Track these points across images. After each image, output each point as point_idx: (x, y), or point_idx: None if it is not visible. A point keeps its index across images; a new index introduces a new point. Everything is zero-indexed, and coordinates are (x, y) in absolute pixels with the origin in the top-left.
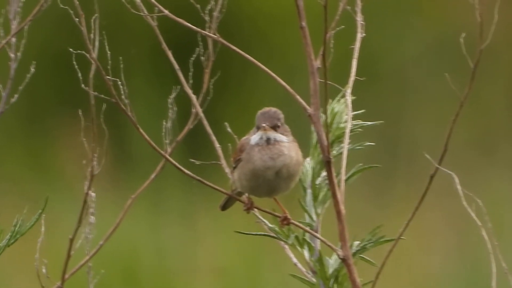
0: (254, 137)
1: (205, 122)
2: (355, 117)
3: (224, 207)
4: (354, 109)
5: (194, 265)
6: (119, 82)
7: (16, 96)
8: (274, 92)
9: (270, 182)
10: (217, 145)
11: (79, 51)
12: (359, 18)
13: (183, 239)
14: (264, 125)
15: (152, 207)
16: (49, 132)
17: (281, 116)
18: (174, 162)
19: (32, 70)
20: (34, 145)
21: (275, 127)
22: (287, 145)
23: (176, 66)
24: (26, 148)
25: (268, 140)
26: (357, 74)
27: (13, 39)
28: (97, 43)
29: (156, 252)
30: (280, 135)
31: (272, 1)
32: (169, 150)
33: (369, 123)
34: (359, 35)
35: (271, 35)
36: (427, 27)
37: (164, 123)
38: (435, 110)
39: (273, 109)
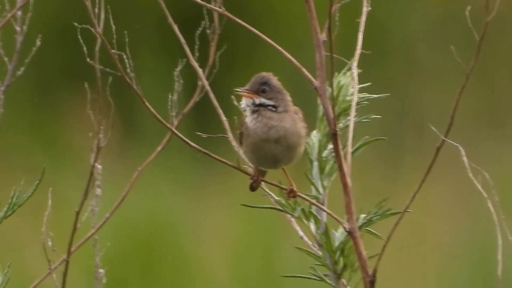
0: (242, 105)
1: (212, 95)
2: (361, 90)
3: (252, 186)
4: (360, 82)
5: (203, 237)
6: (125, 56)
7: (22, 69)
8: (282, 65)
9: (272, 153)
10: (223, 118)
11: (84, 26)
12: None
13: (192, 212)
14: (238, 90)
15: (161, 180)
16: (57, 105)
17: (271, 81)
18: (180, 134)
19: (38, 43)
20: (42, 118)
21: (258, 92)
22: (275, 115)
23: (183, 40)
24: (34, 121)
25: (253, 106)
26: (364, 48)
27: (19, 13)
28: (102, 17)
29: (165, 225)
30: (265, 99)
31: None
32: (175, 123)
33: (375, 95)
34: (365, 9)
35: (279, 8)
36: (435, 1)
37: (169, 96)
38: (442, 83)
39: (263, 73)
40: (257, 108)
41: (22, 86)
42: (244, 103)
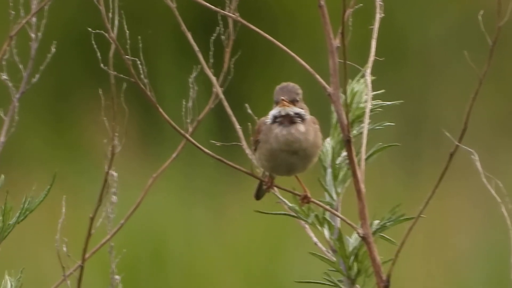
0: (273, 112)
1: (225, 104)
2: (375, 97)
3: (258, 195)
4: (375, 89)
5: (220, 244)
6: (138, 62)
7: (37, 76)
8: (300, 71)
9: (288, 162)
10: (237, 126)
11: (98, 31)
12: None
13: (210, 218)
14: (282, 98)
15: (180, 186)
16: (76, 110)
17: (300, 91)
18: (193, 141)
19: (53, 50)
20: (61, 123)
21: (293, 102)
22: (302, 128)
23: (196, 48)
24: (53, 126)
25: (286, 116)
26: (382, 54)
27: (34, 19)
28: (116, 22)
29: (183, 231)
30: (299, 109)
31: None
32: (190, 129)
33: (389, 103)
34: (378, 16)
35: (298, 13)
36: (453, 6)
37: (183, 102)
38: (461, 89)
39: (291, 84)
40: (283, 119)
41: (41, 91)
42: (277, 111)
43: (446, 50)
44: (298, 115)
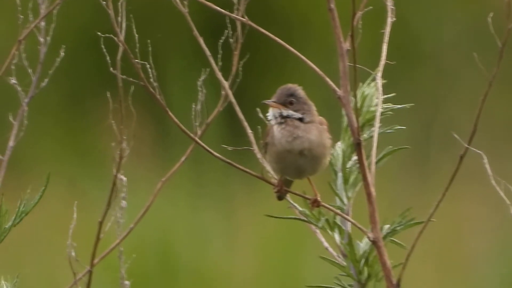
0: (268, 116)
1: (237, 108)
2: (386, 101)
3: (280, 197)
4: (386, 92)
5: (230, 248)
6: (148, 65)
7: (46, 80)
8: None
9: (296, 164)
10: (249, 130)
11: (107, 35)
12: (389, 3)
13: (220, 222)
14: (266, 102)
15: (190, 190)
16: (89, 114)
17: (298, 92)
18: (202, 144)
19: (62, 54)
20: (74, 127)
21: (285, 104)
22: (302, 125)
23: (208, 53)
24: (66, 130)
25: (280, 117)
26: (395, 57)
27: (42, 23)
28: (124, 26)
29: (193, 236)
30: (292, 111)
31: None
32: (199, 132)
33: (399, 106)
34: (389, 20)
35: (312, 16)
36: (465, 9)
37: (193, 105)
38: (473, 92)
39: (289, 85)
40: (284, 120)
41: (54, 95)
42: (271, 114)
43: (459, 53)
44: (288, 117)
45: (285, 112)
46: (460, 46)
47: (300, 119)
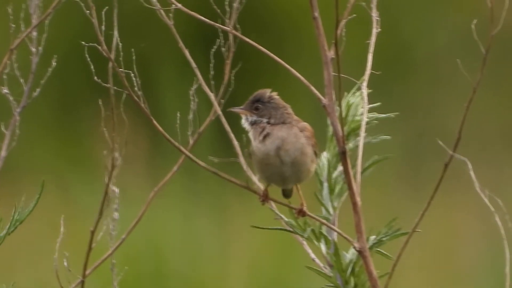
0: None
1: (223, 120)
2: (372, 110)
3: (285, 195)
4: (376, 100)
5: (223, 257)
6: (132, 74)
7: (38, 90)
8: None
9: (278, 170)
10: (235, 142)
11: (91, 44)
12: (374, 14)
13: (213, 231)
14: (232, 109)
15: (183, 200)
16: (82, 122)
17: (263, 98)
18: (189, 154)
19: (54, 64)
20: (67, 135)
21: (251, 110)
22: (268, 126)
23: (194, 65)
24: (58, 138)
25: (248, 124)
26: (387, 64)
27: (34, 33)
28: (116, 34)
29: (186, 246)
30: (257, 117)
31: None
32: (191, 141)
33: (384, 115)
34: (374, 30)
35: (304, 25)
36: (458, 16)
37: (184, 114)
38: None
39: (259, 91)
40: (252, 126)
41: (47, 104)
42: (243, 121)
43: (452, 60)
44: (254, 123)
45: (250, 118)
46: (453, 53)
47: (267, 123)
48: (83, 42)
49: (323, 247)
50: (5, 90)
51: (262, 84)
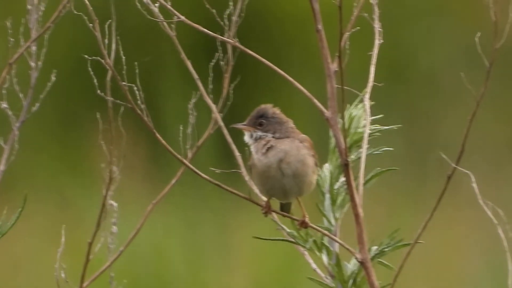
0: (245, 139)
1: (225, 131)
2: (374, 122)
3: (283, 210)
4: (378, 112)
5: (224, 269)
6: (135, 88)
7: (37, 105)
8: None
9: (280, 183)
10: (237, 153)
11: (94, 57)
12: (377, 25)
13: (214, 243)
14: (236, 126)
15: (184, 211)
16: (83, 135)
17: (267, 112)
18: (191, 166)
19: (53, 78)
20: (67, 147)
21: (255, 125)
22: (273, 140)
23: (196, 76)
24: (59, 148)
25: (252, 139)
26: (389, 76)
27: (34, 48)
28: (114, 48)
29: (187, 257)
30: (262, 132)
31: (301, 5)
32: (189, 155)
33: (386, 127)
34: (377, 42)
35: (302, 38)
36: (462, 28)
37: (183, 127)
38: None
39: (261, 106)
40: (256, 141)
41: (47, 117)
42: (246, 137)
43: (455, 72)
44: (259, 139)
45: (255, 134)
46: (456, 66)
47: (273, 137)
48: (86, 56)
49: (325, 257)
50: (4, 105)
51: (263, 96)
